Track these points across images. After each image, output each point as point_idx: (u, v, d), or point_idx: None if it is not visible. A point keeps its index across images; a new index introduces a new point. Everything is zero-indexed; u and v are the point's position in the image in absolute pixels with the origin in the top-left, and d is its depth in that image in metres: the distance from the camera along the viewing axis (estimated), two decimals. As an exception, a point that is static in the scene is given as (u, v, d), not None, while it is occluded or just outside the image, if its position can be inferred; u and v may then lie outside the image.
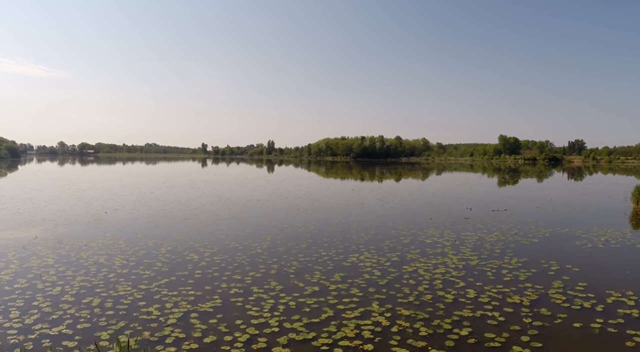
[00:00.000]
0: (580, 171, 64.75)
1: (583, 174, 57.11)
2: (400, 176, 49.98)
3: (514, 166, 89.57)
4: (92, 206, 18.63)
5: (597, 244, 11.70)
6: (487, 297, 7.25)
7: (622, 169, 74.11)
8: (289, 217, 16.04)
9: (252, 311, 6.53)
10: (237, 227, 13.78)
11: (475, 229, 13.88)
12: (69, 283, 7.89)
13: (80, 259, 9.58)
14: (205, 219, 15.30)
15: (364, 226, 14.24)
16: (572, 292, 7.64)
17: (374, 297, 7.21)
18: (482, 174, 56.99)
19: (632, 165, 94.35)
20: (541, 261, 9.81)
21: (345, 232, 13.00)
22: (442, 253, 10.42)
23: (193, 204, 19.49)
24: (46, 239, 11.80)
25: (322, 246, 11.13)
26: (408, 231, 13.28)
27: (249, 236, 12.28)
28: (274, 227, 13.74)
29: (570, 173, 59.75)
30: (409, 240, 11.94)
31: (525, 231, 13.54)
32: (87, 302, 6.93)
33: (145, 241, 11.50)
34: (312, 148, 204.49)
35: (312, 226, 14.14)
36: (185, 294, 7.29)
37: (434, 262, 9.51)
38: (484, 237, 12.42)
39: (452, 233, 13.06)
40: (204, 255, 10.00)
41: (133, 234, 12.44)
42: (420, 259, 9.78)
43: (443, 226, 14.27)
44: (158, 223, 14.40)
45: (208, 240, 11.69)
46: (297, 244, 11.24)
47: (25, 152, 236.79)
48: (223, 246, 11.02)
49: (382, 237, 12.36)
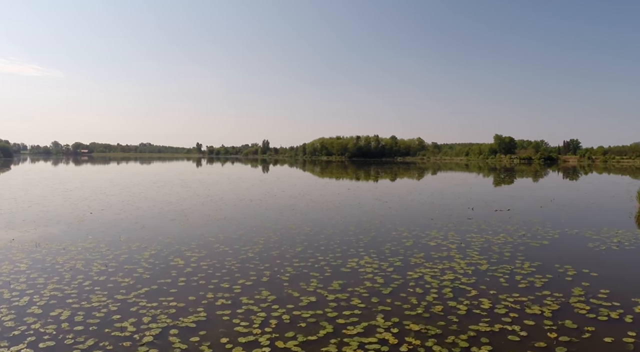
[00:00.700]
0: (576, 171, 64.26)
1: (579, 173, 56.60)
2: (396, 175, 49.26)
3: (509, 166, 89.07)
4: (78, 207, 17.78)
5: (611, 246, 11.00)
6: (503, 308, 6.51)
7: (617, 168, 73.66)
8: (282, 218, 15.25)
9: (240, 327, 5.74)
10: (228, 228, 12.97)
11: (480, 230, 13.15)
12: (39, 292, 7.09)
13: (55, 265, 8.76)
14: (195, 220, 14.47)
15: (362, 227, 13.46)
16: (595, 300, 6.91)
17: (378, 309, 6.43)
18: (478, 173, 56.39)
19: (627, 165, 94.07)
20: (555, 265, 9.08)
21: (342, 234, 12.22)
22: (449, 257, 9.67)
23: (183, 204, 18.66)
24: (23, 241, 10.97)
25: (319, 249, 10.34)
26: (409, 233, 12.52)
27: (239, 239, 11.47)
28: (267, 229, 12.94)
29: (566, 172, 59.27)
30: (412, 242, 11.18)
31: (533, 232, 12.82)
32: (55, 315, 6.13)
33: (129, 244, 10.68)
34: (307, 148, 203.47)
35: (307, 227, 13.35)
36: (166, 305, 6.49)
37: (440, 268, 8.75)
38: (490, 239, 11.68)
39: (456, 235, 12.32)
40: (190, 260, 9.19)
41: (116, 237, 11.62)
42: (425, 264, 9.01)
43: (446, 227, 13.53)
44: (145, 224, 13.57)
45: (196, 243, 10.88)
46: (292, 248, 10.44)
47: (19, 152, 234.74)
48: (212, 249, 10.21)
49: (383, 239, 11.59)
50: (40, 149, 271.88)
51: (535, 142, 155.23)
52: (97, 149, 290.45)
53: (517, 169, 71.07)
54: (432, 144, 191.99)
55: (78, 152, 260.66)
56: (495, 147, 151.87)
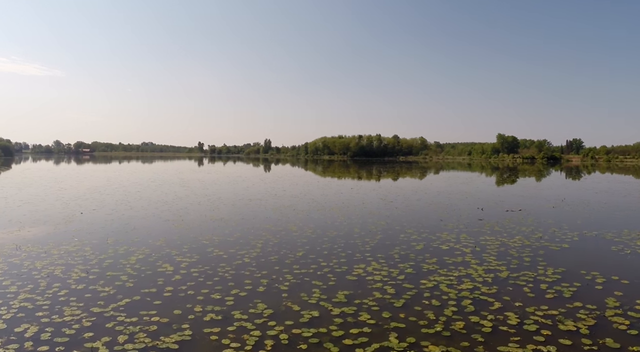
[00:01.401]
0: (579, 170, 63.19)
1: (582, 173, 55.58)
2: (399, 174, 48.40)
3: (512, 165, 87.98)
4: (69, 206, 16.99)
5: (636, 250, 10.16)
6: (533, 324, 5.68)
7: (620, 168, 72.52)
8: (283, 219, 14.42)
9: (229, 349, 4.92)
10: (224, 230, 12.15)
11: (494, 232, 12.31)
12: (8, 303, 6.28)
13: (32, 271, 7.96)
14: (190, 221, 13.65)
15: (368, 229, 12.62)
16: (633, 313, 6.09)
17: (391, 326, 5.60)
18: (482, 173, 55.49)
19: (631, 164, 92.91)
20: (581, 271, 8.25)
21: (347, 237, 11.39)
22: (464, 263, 8.83)
23: (179, 204, 17.85)
24: (4, 244, 10.17)
25: (321, 253, 9.50)
26: (419, 235, 11.68)
27: (236, 242, 10.63)
28: (266, 231, 12.11)
29: (571, 172, 58.29)
30: (422, 246, 10.33)
31: (550, 235, 11.99)
32: (20, 331, 5.33)
33: (116, 248, 9.87)
34: (309, 147, 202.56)
35: (309, 229, 12.52)
36: (147, 321, 5.67)
37: (456, 275, 7.91)
38: (506, 243, 10.84)
39: (469, 237, 11.49)
40: (179, 266, 8.37)
41: (104, 239, 10.82)
42: (439, 271, 8.18)
43: (457, 229, 12.69)
44: (136, 225, 12.77)
45: (188, 246, 10.05)
46: (292, 252, 9.60)
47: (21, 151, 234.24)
48: (205, 254, 9.38)
49: (391, 242, 10.75)
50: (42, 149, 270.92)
51: (538, 142, 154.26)
52: (99, 148, 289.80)
53: (521, 168, 70.09)
54: (434, 144, 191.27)
55: (79, 151, 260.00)
56: (498, 147, 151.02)
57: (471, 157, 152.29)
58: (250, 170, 56.54)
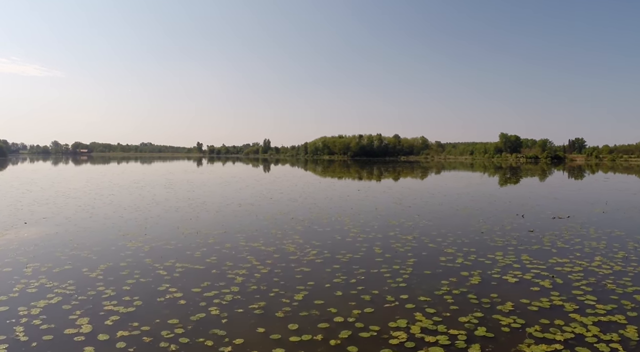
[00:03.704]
0: (582, 169, 59.75)
1: (585, 172, 52.22)
2: (404, 174, 45.14)
3: (515, 165, 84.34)
4: (19, 213, 13.86)
5: None
6: None
7: (626, 167, 68.94)
8: (278, 232, 11.16)
9: None
10: (195, 251, 8.89)
11: (561, 250, 9.12)
12: None
13: None
14: (153, 237, 10.36)
15: (392, 248, 9.37)
16: None
17: None
18: (488, 173, 52.22)
19: (636, 164, 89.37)
20: None
21: (366, 262, 8.14)
22: (556, 310, 5.61)
23: (152, 211, 14.62)
24: None
25: (332, 296, 6.22)
26: (465, 258, 8.44)
27: (205, 273, 7.35)
28: (253, 253, 8.84)
29: (580, 172, 55.04)
30: (479, 278, 7.07)
31: (636, 253, 8.82)
32: None
33: (29, 281, 6.67)
34: (309, 147, 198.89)
35: (312, 249, 9.24)
36: None
37: (558, 338, 4.70)
38: (590, 268, 7.65)
39: (533, 259, 8.29)
40: (103, 323, 5.14)
41: (24, 264, 7.64)
42: (528, 330, 4.94)
43: (510, 246, 9.48)
44: (80, 243, 9.55)
45: (134, 281, 6.81)
46: (287, 293, 6.33)
47: (17, 152, 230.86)
48: (151, 297, 6.10)
49: (431, 271, 7.50)
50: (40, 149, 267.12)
51: (541, 141, 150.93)
52: (97, 148, 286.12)
53: (526, 168, 66.64)
54: (435, 143, 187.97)
55: (77, 151, 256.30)
56: (501, 146, 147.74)
57: (473, 157, 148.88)
58: (248, 170, 53.19)
